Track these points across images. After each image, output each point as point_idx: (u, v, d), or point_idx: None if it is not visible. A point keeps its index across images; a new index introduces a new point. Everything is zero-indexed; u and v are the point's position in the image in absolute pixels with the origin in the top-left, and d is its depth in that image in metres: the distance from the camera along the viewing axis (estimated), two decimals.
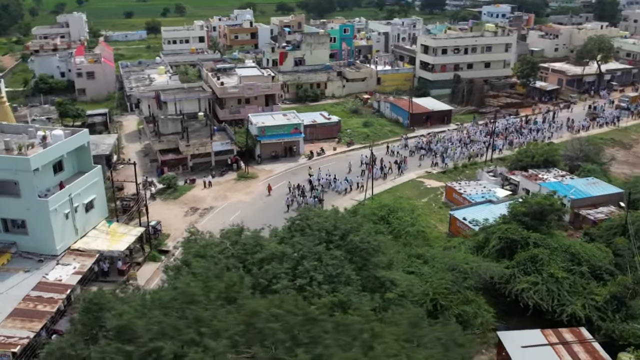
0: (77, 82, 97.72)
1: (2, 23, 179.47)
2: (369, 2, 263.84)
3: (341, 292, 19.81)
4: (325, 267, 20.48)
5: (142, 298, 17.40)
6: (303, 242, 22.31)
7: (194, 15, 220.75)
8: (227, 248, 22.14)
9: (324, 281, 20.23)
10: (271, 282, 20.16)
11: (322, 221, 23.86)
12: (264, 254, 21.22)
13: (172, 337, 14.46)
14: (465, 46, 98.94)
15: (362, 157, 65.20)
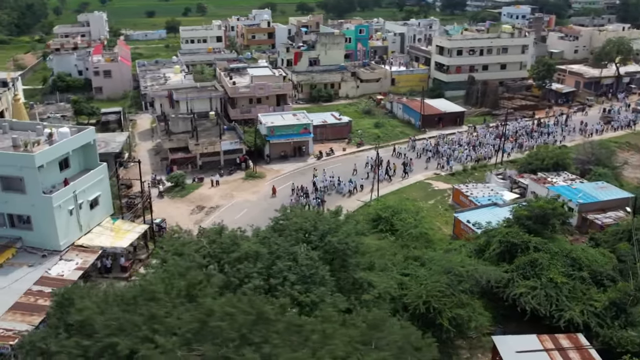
0: (94, 81, 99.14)
1: (26, 22, 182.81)
2: (390, 2, 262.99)
3: (314, 292, 19.86)
4: (300, 268, 20.53)
5: (105, 294, 17.68)
6: (279, 242, 22.39)
7: (215, 14, 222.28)
8: (203, 247, 22.35)
9: (298, 281, 20.31)
10: (243, 282, 20.31)
11: (301, 221, 23.89)
12: (239, 253, 21.39)
13: (128, 333, 14.70)
14: (480, 47, 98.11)
15: (368, 159, 64.99)
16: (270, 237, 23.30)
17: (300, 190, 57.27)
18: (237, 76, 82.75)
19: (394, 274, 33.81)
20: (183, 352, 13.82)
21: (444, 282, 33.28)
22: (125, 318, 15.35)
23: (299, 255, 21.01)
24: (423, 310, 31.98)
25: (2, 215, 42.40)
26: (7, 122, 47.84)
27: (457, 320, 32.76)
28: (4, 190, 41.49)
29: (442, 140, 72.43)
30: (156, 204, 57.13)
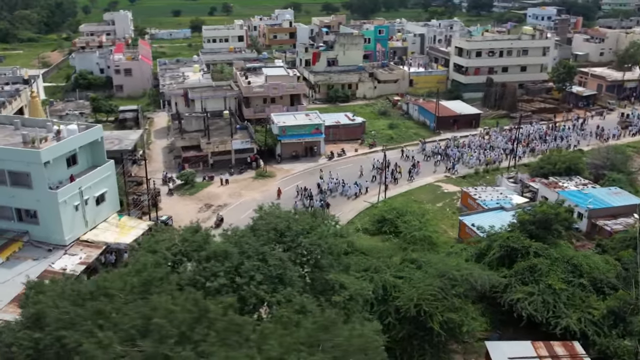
0: (115, 79, 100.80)
1: (55, 20, 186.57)
2: (416, 3, 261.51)
3: (281, 292, 19.96)
4: (268, 268, 20.63)
5: (62, 289, 18.05)
6: (250, 242, 22.52)
7: (240, 14, 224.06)
8: (175, 244, 22.63)
9: (265, 281, 20.42)
10: (209, 280, 20.52)
11: (275, 222, 24.00)
12: (207, 252, 21.60)
13: (77, 328, 15.01)
14: (500, 49, 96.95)
15: (374, 161, 64.65)
16: (243, 236, 23.49)
17: (304, 192, 57.13)
18: (252, 76, 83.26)
19: (386, 276, 33.72)
20: (125, 348, 14.10)
21: (436, 286, 33.01)
22: (76, 312, 15.71)
23: (268, 256, 21.13)
24: (414, 313, 31.79)
25: (10, 209, 43.38)
26: (19, 119, 48.93)
27: (449, 324, 32.47)
28: (12, 185, 42.42)
29: (452, 143, 71.67)
30: (165, 201, 58.11)
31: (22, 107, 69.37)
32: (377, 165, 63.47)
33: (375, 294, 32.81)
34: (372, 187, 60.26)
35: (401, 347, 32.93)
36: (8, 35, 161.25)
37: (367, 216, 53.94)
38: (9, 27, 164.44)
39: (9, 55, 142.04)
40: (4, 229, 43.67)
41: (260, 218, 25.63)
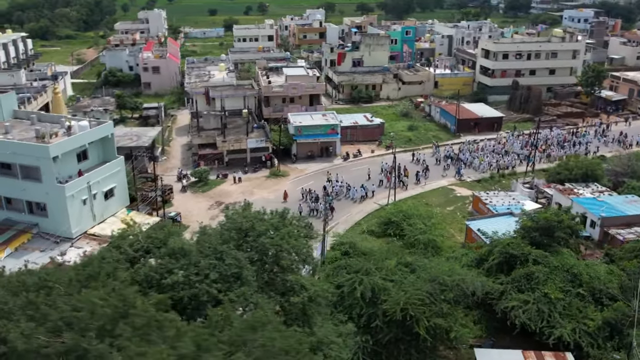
0: (143, 76, 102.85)
1: (94, 18, 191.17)
2: (452, 3, 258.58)
3: (234, 291, 20.14)
4: (224, 266, 20.81)
5: (9, 280, 18.63)
6: (208, 240, 22.77)
7: (275, 13, 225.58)
8: (138, 241, 23.06)
9: (220, 279, 20.64)
10: (163, 277, 20.83)
11: (242, 222, 24.17)
12: (167, 249, 21.93)
13: (11, 318, 15.54)
14: (528, 51, 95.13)
15: (383, 164, 64.14)
16: (204, 234, 23.79)
17: (310, 195, 56.98)
18: (274, 75, 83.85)
19: (376, 278, 33.57)
20: (49, 339, 14.52)
21: (425, 290, 32.69)
22: (14, 302, 16.27)
23: (225, 254, 21.32)
24: (400, 317, 31.58)
25: (21, 201, 44.84)
26: (35, 114, 50.45)
27: (436, 330, 32.14)
28: (23, 179, 43.81)
29: (465, 147, 70.57)
30: (178, 197, 59.10)
31: (48, 102, 71.39)
32: (385, 168, 63.02)
33: (363, 296, 32.86)
34: (378, 191, 59.72)
35: (387, 350, 32.79)
36: (47, 33, 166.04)
37: (375, 218, 53.73)
38: (49, 24, 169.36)
39: (47, 52, 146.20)
40: (15, 221, 45.14)
41: (227, 217, 25.89)
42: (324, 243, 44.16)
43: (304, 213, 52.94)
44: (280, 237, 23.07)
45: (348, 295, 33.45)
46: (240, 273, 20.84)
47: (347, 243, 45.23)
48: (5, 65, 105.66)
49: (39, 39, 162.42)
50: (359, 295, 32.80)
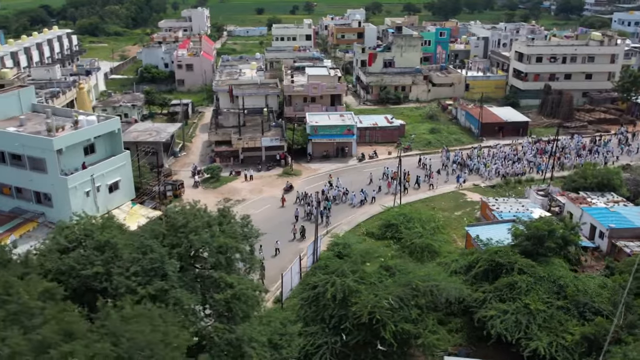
0: (177, 73, 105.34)
1: (143, 16, 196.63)
2: (503, 5, 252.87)
3: (154, 285, 20.60)
4: (145, 260, 21.28)
5: None
6: (137, 234, 23.26)
7: (323, 12, 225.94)
8: (73, 232, 23.78)
9: (141, 273, 21.12)
10: (85, 267, 21.46)
11: (178, 218, 24.58)
12: (94, 240, 22.56)
13: None
14: (563, 55, 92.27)
15: (385, 169, 63.33)
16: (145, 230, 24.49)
17: (304, 199, 56.32)
18: (298, 75, 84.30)
19: (348, 280, 33.47)
20: None
21: (395, 295, 32.41)
22: None
23: (149, 249, 21.77)
24: (366, 320, 31.43)
25: (29, 191, 46.86)
26: (50, 108, 52.53)
27: (403, 335, 31.80)
28: (31, 169, 45.83)
29: (475, 153, 69.04)
30: (189, 192, 60.24)
31: (75, 97, 74.06)
32: (387, 173, 62.33)
33: (334, 297, 32.87)
34: (379, 197, 58.69)
35: (355, 353, 32.69)
36: (97, 29, 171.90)
37: (378, 220, 53.38)
38: (98, 21, 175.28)
39: (94, 48, 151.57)
40: (24, 209, 47.20)
41: (168, 214, 26.39)
42: (316, 244, 44.36)
43: (301, 217, 52.87)
44: (210, 234, 23.43)
45: (322, 296, 33.62)
46: (163, 268, 21.29)
47: (341, 244, 45.42)
48: (49, 60, 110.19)
49: (88, 35, 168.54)
50: (329, 297, 32.86)
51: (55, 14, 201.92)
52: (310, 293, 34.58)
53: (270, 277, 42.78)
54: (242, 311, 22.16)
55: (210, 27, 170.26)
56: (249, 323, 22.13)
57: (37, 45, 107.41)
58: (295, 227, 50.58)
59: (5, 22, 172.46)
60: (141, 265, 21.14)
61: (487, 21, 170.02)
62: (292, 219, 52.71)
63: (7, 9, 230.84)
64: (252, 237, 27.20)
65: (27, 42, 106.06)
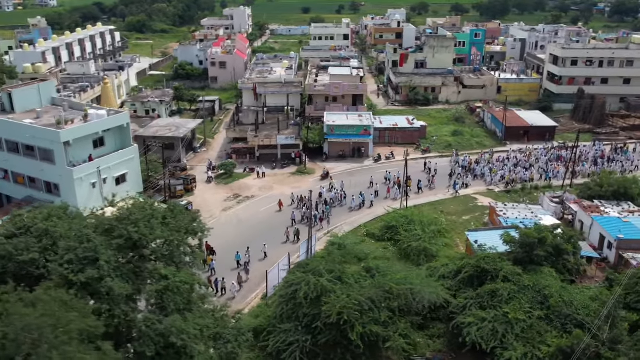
0: (210, 71, 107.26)
1: (190, 14, 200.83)
2: (555, 6, 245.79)
3: (86, 273, 21.21)
4: (80, 249, 21.90)
5: None
6: (74, 223, 23.93)
7: (368, 12, 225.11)
8: (22, 220, 24.67)
9: (75, 261, 21.78)
10: (21, 254, 22.25)
11: (124, 210, 25.18)
12: (36, 228, 23.36)
13: None
14: (599, 58, 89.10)
15: (387, 174, 62.33)
16: (75, 218, 25.05)
17: (301, 201, 55.50)
18: (323, 74, 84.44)
19: (323, 280, 33.49)
20: None
21: (367, 296, 32.22)
22: None
23: (84, 238, 22.41)
24: (334, 320, 31.38)
25: (40, 181, 48.86)
26: (67, 102, 54.61)
27: (371, 338, 31.59)
28: (41, 160, 47.83)
29: (484, 157, 67.32)
30: (201, 187, 61.41)
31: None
32: (389, 177, 61.60)
33: (306, 296, 32.98)
34: (377, 202, 57.47)
35: (325, 352, 32.69)
36: (144, 27, 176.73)
37: (381, 222, 53.01)
38: (146, 19, 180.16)
39: (139, 45, 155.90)
40: (35, 198, 49.21)
41: (119, 207, 27.05)
42: (310, 242, 44.43)
43: (297, 220, 52.40)
44: (150, 227, 23.91)
45: (297, 294, 33.79)
46: (97, 257, 21.93)
47: (337, 244, 45.42)
48: (90, 56, 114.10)
49: (135, 32, 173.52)
50: (301, 295, 32.99)
51: (107, 11, 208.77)
52: (288, 290, 34.78)
53: (256, 279, 43.24)
54: (175, 303, 22.58)
55: (252, 25, 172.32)
56: (185, 315, 22.51)
57: (79, 41, 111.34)
58: (289, 230, 50.08)
59: (59, 19, 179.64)
60: (76, 254, 21.90)
61: (534, 23, 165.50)
62: (287, 223, 52.13)
63: (64, 6, 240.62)
64: (200, 232, 27.66)
65: (69, 38, 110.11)
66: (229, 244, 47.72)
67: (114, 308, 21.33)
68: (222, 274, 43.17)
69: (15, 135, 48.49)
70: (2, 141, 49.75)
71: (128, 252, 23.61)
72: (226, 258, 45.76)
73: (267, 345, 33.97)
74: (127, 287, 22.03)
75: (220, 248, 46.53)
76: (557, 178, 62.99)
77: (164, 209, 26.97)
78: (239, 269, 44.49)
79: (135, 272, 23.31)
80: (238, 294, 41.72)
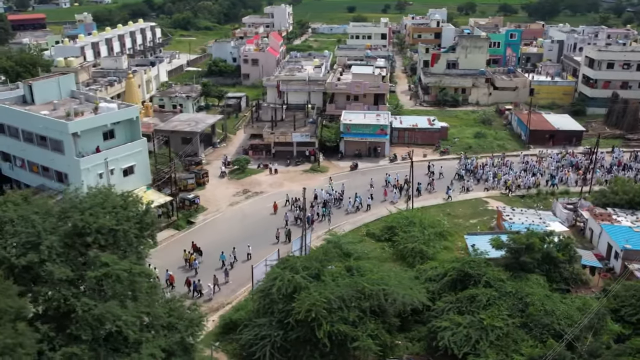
0: (242, 68, 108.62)
1: (234, 11, 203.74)
2: (609, 7, 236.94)
3: (27, 257, 21.95)
4: (24, 234, 22.69)
5: None
6: (23, 208, 24.69)
7: (416, 11, 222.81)
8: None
9: (18, 246, 22.58)
10: None
11: (74, 198, 25.85)
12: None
13: None
14: (638, 62, 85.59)
15: (387, 176, 61.29)
16: (29, 203, 25.94)
17: (295, 203, 54.85)
18: (347, 72, 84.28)
19: (297, 277, 33.56)
20: None
21: (337, 295, 32.13)
22: None
23: (29, 224, 23.17)
24: (302, 317, 31.44)
25: (52, 170, 50.74)
26: (83, 94, 56.49)
27: (338, 337, 31.47)
28: (52, 150, 49.65)
29: (490, 162, 65.52)
30: (213, 182, 62.43)
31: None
32: (389, 180, 60.62)
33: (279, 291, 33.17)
34: (374, 206, 56.29)
35: (295, 349, 32.77)
36: (189, 23, 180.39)
37: (383, 222, 52.61)
38: (191, 16, 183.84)
39: (182, 41, 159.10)
40: (47, 187, 51.14)
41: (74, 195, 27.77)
42: (304, 240, 44.38)
43: (290, 221, 51.86)
44: (95, 216, 24.50)
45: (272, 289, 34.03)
46: (39, 242, 22.70)
47: (332, 242, 45.39)
48: (130, 51, 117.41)
49: (180, 28, 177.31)
50: (275, 290, 33.21)
51: (156, 8, 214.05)
52: (267, 285, 35.05)
53: (240, 280, 43.37)
54: (114, 290, 23.12)
55: (293, 23, 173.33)
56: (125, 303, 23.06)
57: (119, 37, 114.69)
58: (279, 231, 49.56)
59: (109, 15, 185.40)
60: (20, 238, 22.78)
61: (585, 24, 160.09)
62: (281, 224, 51.64)
63: (117, 3, 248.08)
64: (152, 226, 28.20)
65: (109, 33, 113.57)
66: (227, 240, 48.32)
67: (54, 292, 22.15)
68: (209, 273, 43.18)
69: (30, 125, 50.49)
70: (19, 131, 51.91)
71: (75, 239, 24.38)
72: (220, 254, 45.95)
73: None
74: (67, 271, 22.80)
75: (218, 243, 47.29)
76: (567, 185, 61.02)
77: (119, 199, 27.69)
78: (223, 269, 44.20)
79: (80, 258, 24.07)
80: (215, 296, 41.50)
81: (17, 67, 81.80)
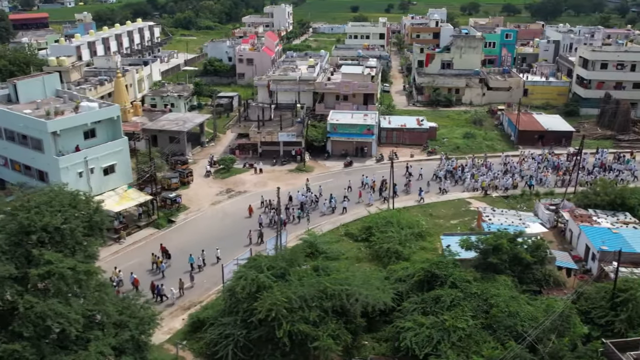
0: (237, 67, 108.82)
1: (236, 11, 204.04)
2: (615, 8, 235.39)
3: None
4: None
5: None
6: None
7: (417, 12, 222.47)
8: None
9: None
10: None
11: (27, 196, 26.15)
12: None
13: None
14: (632, 62, 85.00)
15: (363, 178, 60.89)
16: None
17: (269, 205, 54.35)
18: (338, 72, 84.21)
19: (261, 276, 33.61)
20: None
21: (299, 295, 32.14)
22: None
23: None
24: (263, 317, 31.49)
25: (33, 168, 51.05)
26: (67, 94, 56.79)
27: (298, 336, 31.48)
28: (32, 149, 49.97)
29: (470, 162, 65.21)
30: (198, 181, 62.57)
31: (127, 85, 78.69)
32: (365, 181, 60.25)
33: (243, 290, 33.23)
34: (350, 208, 55.71)
35: (257, 348, 32.82)
36: (190, 23, 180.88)
37: (363, 222, 52.52)
38: (192, 15, 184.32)
39: (182, 41, 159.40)
40: (29, 185, 51.21)
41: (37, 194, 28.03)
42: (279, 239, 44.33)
43: (264, 224, 51.59)
44: (41, 214, 24.66)
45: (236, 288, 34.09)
46: None
47: (307, 242, 45.53)
48: (127, 50, 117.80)
49: (181, 28, 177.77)
50: (238, 289, 33.28)
51: (159, 8, 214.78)
52: (232, 284, 35.12)
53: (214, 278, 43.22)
54: (57, 288, 23.24)
55: (293, 23, 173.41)
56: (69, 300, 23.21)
57: (116, 37, 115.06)
58: (252, 233, 49.19)
59: (111, 14, 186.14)
60: None
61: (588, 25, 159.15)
62: (255, 226, 51.12)
63: (121, 2, 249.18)
64: (101, 225, 28.37)
65: (106, 33, 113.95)
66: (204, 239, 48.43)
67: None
68: (177, 276, 42.76)
69: (11, 124, 50.84)
70: (2, 129, 52.28)
71: (22, 237, 24.56)
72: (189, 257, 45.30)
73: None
74: (10, 269, 22.99)
75: (195, 243, 47.48)
76: (546, 186, 60.77)
77: (68, 198, 27.86)
78: (192, 272, 43.81)
79: (27, 256, 24.24)
80: (178, 301, 41.02)
81: (11, 66, 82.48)
